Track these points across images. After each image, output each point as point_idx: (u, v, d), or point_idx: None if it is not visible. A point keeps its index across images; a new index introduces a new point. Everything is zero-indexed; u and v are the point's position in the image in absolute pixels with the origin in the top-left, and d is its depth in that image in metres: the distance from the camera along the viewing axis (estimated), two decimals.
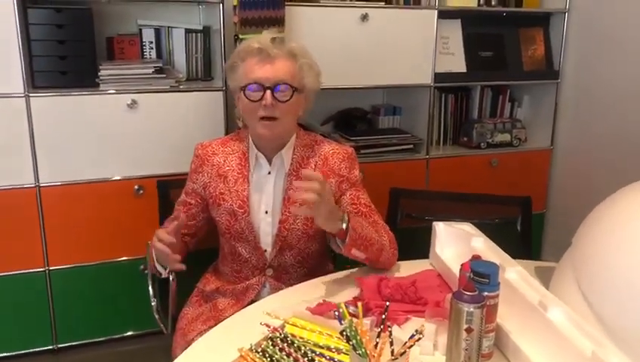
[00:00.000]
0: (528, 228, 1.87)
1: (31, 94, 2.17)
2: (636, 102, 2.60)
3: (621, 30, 2.65)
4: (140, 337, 2.52)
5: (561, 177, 3.04)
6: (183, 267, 1.39)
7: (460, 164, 2.84)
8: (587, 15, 2.81)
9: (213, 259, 1.77)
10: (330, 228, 1.37)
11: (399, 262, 1.58)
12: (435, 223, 1.54)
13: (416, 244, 1.68)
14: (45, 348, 2.40)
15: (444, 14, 2.67)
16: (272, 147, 1.55)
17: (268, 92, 1.45)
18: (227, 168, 1.57)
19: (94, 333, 2.46)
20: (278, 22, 2.25)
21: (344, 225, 1.37)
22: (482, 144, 2.88)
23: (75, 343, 2.44)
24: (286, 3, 2.29)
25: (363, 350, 0.94)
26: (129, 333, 2.51)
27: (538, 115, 3.06)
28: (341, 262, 1.71)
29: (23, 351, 2.37)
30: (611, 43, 2.70)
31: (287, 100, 1.47)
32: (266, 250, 1.57)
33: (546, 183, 3.07)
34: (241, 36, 2.23)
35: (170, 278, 1.67)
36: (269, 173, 1.56)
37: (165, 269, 1.49)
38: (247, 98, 1.48)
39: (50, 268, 2.33)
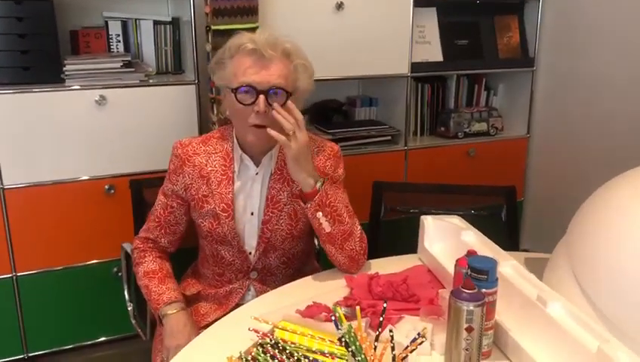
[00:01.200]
0: (513, 218, 1.85)
1: None
2: (611, 89, 2.61)
3: (595, 17, 2.65)
4: (114, 342, 2.43)
5: (538, 165, 3.04)
6: None
7: (438, 154, 2.81)
8: (561, 2, 2.80)
9: (191, 260, 1.70)
10: (299, 178, 1.37)
11: (387, 258, 1.54)
12: (423, 217, 1.50)
13: (401, 238, 1.64)
14: (16, 357, 2.30)
15: (420, 2, 2.62)
16: (260, 151, 1.48)
17: (261, 97, 1.36)
18: (210, 169, 1.48)
19: (66, 340, 2.36)
20: (252, 11, 2.18)
21: (318, 184, 1.37)
22: (459, 134, 2.86)
23: (46, 351, 2.34)
24: None
25: (363, 356, 0.89)
26: (103, 338, 2.42)
27: (514, 104, 3.05)
28: (327, 261, 1.66)
29: None
30: (585, 30, 2.70)
31: (281, 105, 1.37)
32: (250, 253, 1.50)
33: (523, 172, 3.06)
34: (213, 27, 2.14)
35: None
36: (257, 173, 1.49)
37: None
38: (238, 101, 1.38)
39: (18, 274, 2.22)
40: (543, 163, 3.01)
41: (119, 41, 2.43)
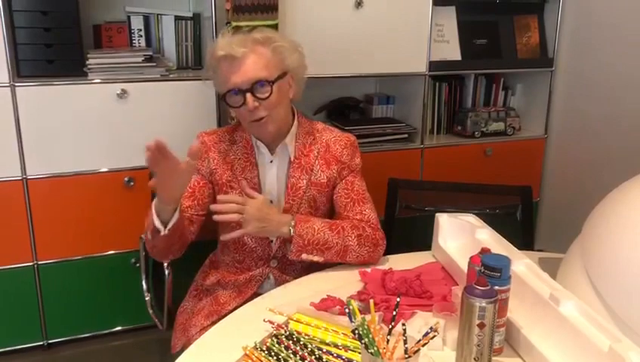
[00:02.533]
0: (529, 217, 1.86)
1: (16, 84, 2.10)
2: (630, 90, 2.59)
3: (615, 17, 2.63)
4: (131, 331, 2.48)
5: (555, 166, 3.03)
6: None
7: (454, 153, 2.81)
8: (582, 2, 2.78)
9: (208, 252, 1.73)
10: (274, 236, 1.42)
11: (401, 255, 1.56)
12: (438, 214, 1.52)
13: (415, 235, 1.65)
14: (35, 343, 2.35)
15: (439, 1, 2.63)
16: (272, 139, 1.53)
17: (248, 95, 1.41)
18: (233, 156, 1.54)
19: (85, 328, 2.41)
20: (272, 8, 2.20)
21: (291, 230, 1.41)
22: (476, 133, 2.85)
23: (65, 338, 2.39)
24: None
25: (375, 349, 0.91)
26: (120, 328, 2.46)
27: (532, 104, 3.04)
28: None
29: (12, 347, 2.32)
30: (606, 31, 2.68)
31: (268, 96, 1.42)
32: (272, 240, 1.53)
33: (539, 172, 3.05)
34: (233, 23, 2.17)
35: (166, 272, 1.63)
36: (271, 161, 1.53)
37: (165, 227, 1.35)
38: (230, 105, 1.46)
39: (39, 263, 2.27)
40: (560, 163, 2.99)
41: (141, 36, 2.46)
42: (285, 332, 1.14)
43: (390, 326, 0.95)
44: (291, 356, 1.08)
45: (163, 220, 1.33)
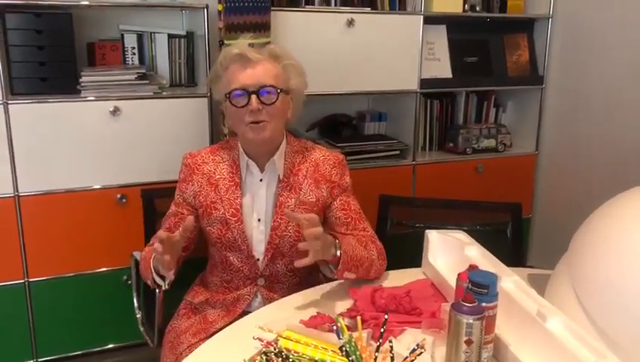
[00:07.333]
0: (519, 234, 1.86)
1: (9, 101, 2.11)
2: (620, 107, 2.63)
3: (604, 35, 2.67)
4: (123, 349, 2.46)
5: (547, 182, 3.05)
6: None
7: (446, 169, 2.83)
8: (571, 21, 2.83)
9: (199, 270, 1.73)
10: (324, 258, 1.36)
11: (391, 271, 1.56)
12: (427, 231, 1.52)
13: (406, 252, 1.66)
14: None
15: (430, 20, 2.67)
16: (263, 153, 1.53)
17: (253, 97, 1.44)
18: (218, 176, 1.54)
19: (76, 346, 2.40)
20: (264, 27, 2.22)
21: (338, 252, 1.37)
22: (468, 150, 2.88)
23: (56, 356, 2.37)
24: (272, 8, 2.26)
25: None
26: (111, 345, 2.45)
27: (523, 121, 3.07)
28: None
29: None
30: (595, 48, 2.72)
31: (273, 102, 1.45)
32: (258, 259, 1.54)
33: (531, 188, 3.07)
34: (226, 42, 2.19)
35: (157, 290, 1.63)
36: (261, 180, 1.54)
37: (164, 281, 1.43)
38: (233, 105, 1.46)
39: (30, 280, 2.26)
40: (552, 180, 3.02)
41: (134, 54, 2.48)
42: (275, 349, 1.14)
43: (378, 343, 0.95)
44: None
45: (160, 274, 1.42)
